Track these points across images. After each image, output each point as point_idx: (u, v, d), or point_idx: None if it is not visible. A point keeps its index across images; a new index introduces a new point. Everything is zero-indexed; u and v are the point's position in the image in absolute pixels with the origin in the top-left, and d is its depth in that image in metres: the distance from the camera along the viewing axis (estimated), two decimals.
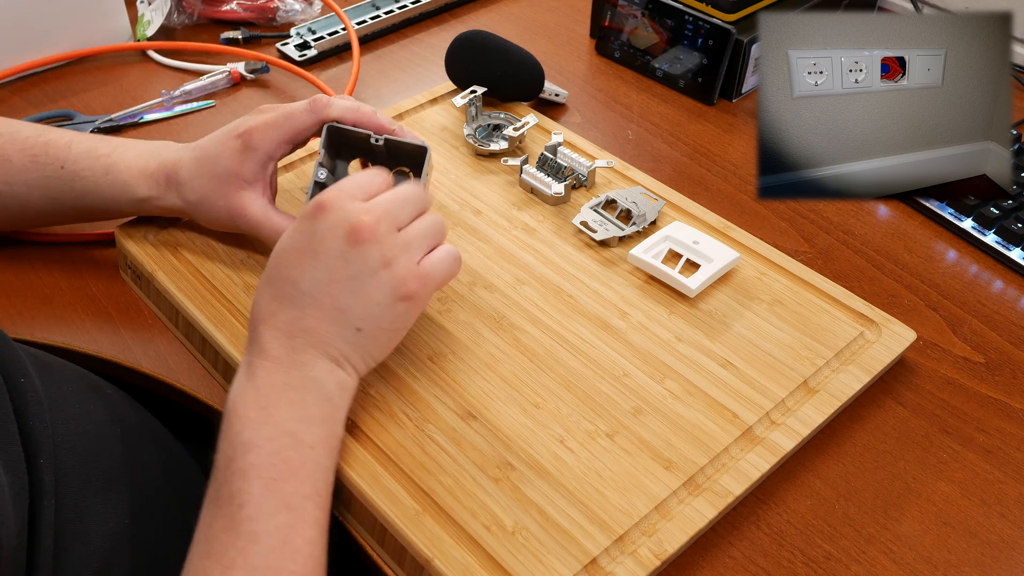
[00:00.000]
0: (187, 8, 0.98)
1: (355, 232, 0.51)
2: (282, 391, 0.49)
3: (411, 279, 0.52)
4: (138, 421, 0.59)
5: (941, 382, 0.62)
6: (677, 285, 0.63)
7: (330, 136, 0.62)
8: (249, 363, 0.51)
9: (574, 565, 0.48)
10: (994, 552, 0.53)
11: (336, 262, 0.51)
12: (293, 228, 0.53)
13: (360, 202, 0.53)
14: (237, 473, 0.47)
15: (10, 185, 0.64)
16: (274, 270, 0.52)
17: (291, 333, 0.51)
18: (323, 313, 0.51)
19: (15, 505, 0.45)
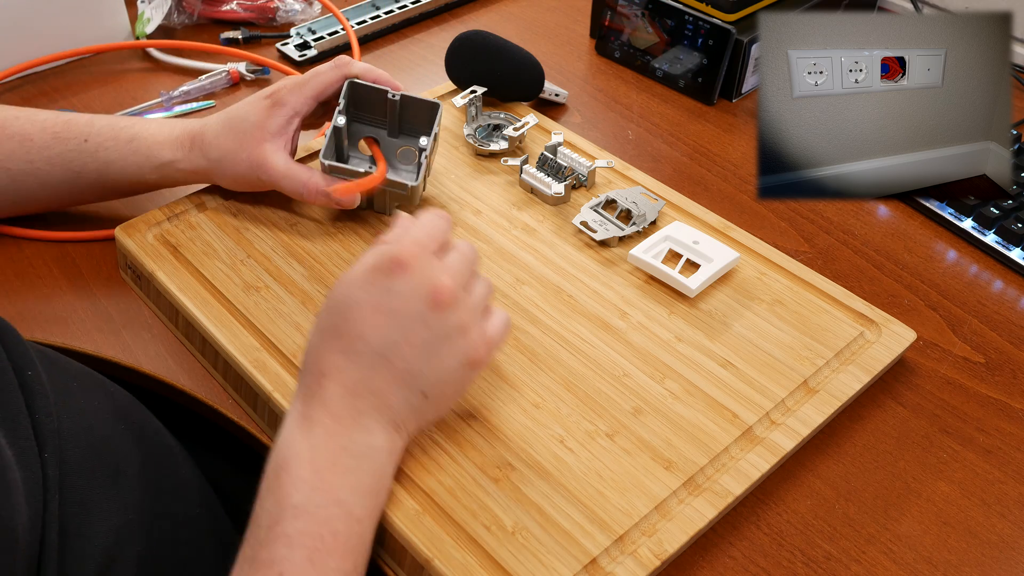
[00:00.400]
0: (187, 8, 0.98)
1: (437, 295, 0.49)
2: (339, 455, 0.47)
3: (481, 346, 0.52)
4: (141, 419, 0.59)
5: (941, 382, 0.62)
6: (677, 285, 0.63)
7: (351, 89, 0.68)
8: (307, 416, 0.48)
9: (574, 565, 0.48)
10: (994, 552, 0.53)
11: (415, 324, 0.49)
12: (366, 279, 0.50)
13: (437, 261, 0.51)
14: (282, 538, 0.44)
15: (32, 163, 0.65)
16: (344, 323, 0.49)
17: (357, 393, 0.49)
18: (394, 376, 0.49)
19: (28, 500, 0.46)
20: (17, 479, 0.45)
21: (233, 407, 0.60)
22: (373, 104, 0.69)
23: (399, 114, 0.69)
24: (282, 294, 0.63)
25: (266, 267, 0.65)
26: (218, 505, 0.62)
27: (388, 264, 0.49)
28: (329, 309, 0.51)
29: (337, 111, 0.67)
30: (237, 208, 0.70)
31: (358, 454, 0.48)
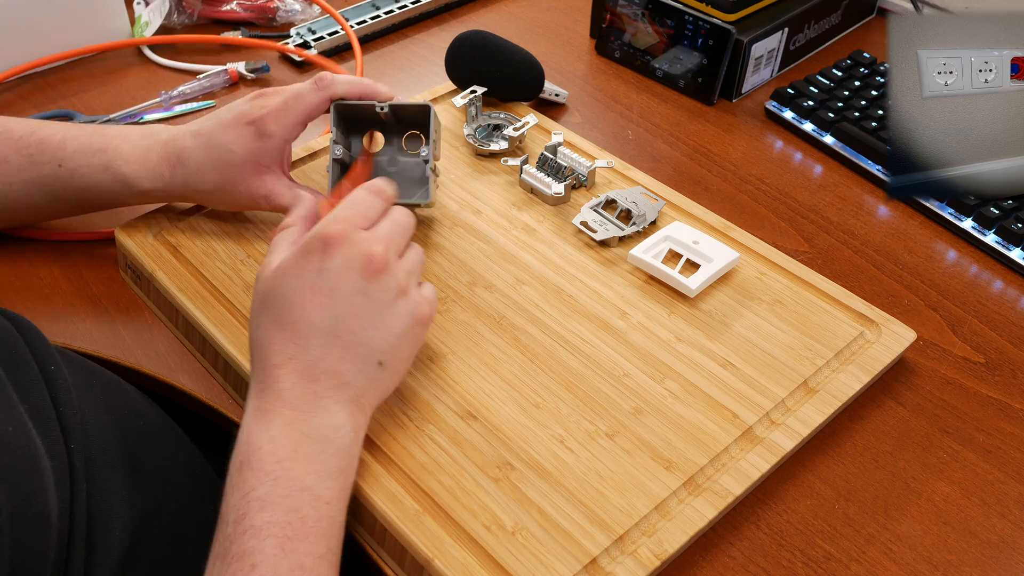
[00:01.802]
0: (187, 8, 0.98)
1: (370, 264, 0.50)
2: (300, 443, 0.47)
3: (423, 303, 0.53)
4: (155, 417, 0.59)
5: (941, 382, 0.62)
6: (677, 285, 0.63)
7: (339, 112, 0.65)
8: (263, 409, 0.48)
9: (574, 565, 0.48)
10: (994, 552, 0.53)
11: (355, 297, 0.50)
12: (297, 264, 0.50)
13: (365, 232, 0.52)
14: (250, 531, 0.44)
15: (11, 185, 0.64)
16: (285, 312, 0.50)
17: (312, 376, 0.49)
18: (346, 351, 0.49)
19: (58, 489, 0.46)
20: (48, 467, 0.46)
21: (233, 407, 0.60)
22: (364, 119, 0.67)
23: (394, 123, 0.67)
24: None
25: None
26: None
27: (318, 245, 0.50)
28: (265, 301, 0.51)
29: (331, 141, 0.65)
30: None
31: (320, 438, 0.48)
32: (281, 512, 0.45)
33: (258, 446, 0.47)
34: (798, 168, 0.81)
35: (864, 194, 0.78)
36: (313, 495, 0.46)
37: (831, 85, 0.86)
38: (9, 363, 0.50)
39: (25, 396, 0.49)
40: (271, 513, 0.45)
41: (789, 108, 0.85)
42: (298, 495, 0.46)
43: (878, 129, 0.80)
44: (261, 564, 0.43)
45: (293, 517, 0.45)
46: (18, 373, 0.50)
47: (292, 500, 0.45)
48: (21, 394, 0.49)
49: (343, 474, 0.48)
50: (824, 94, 0.85)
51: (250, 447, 0.47)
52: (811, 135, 0.83)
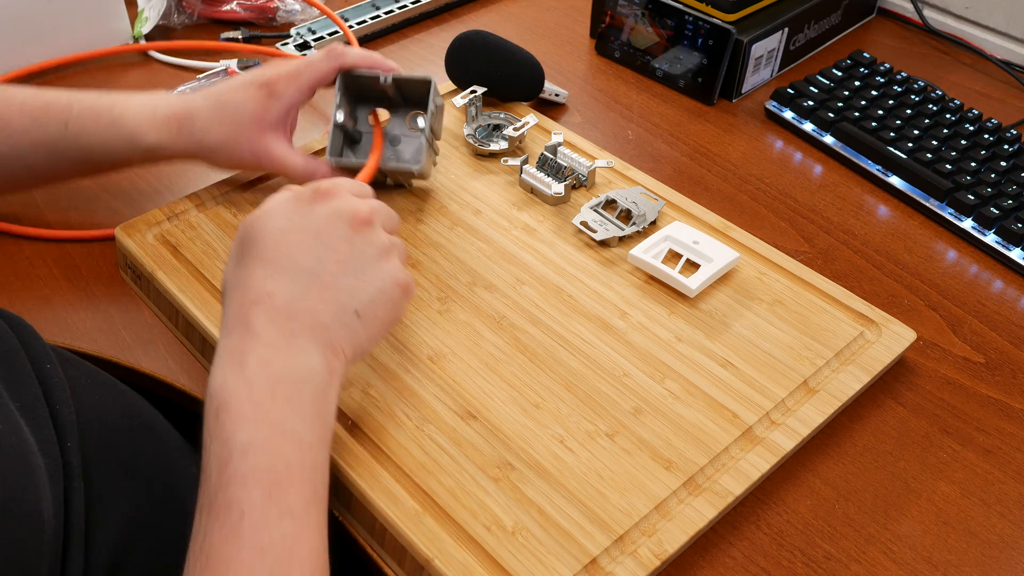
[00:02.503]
0: (187, 8, 0.98)
1: (357, 217, 0.52)
2: (277, 384, 0.46)
3: (404, 271, 0.54)
4: (151, 417, 0.59)
5: (941, 382, 0.62)
6: (677, 285, 0.63)
7: (344, 81, 0.68)
8: (237, 349, 0.47)
9: (574, 565, 0.48)
10: (994, 552, 0.53)
11: (339, 243, 0.51)
12: (284, 207, 0.51)
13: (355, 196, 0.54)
14: (235, 479, 0.43)
15: (14, 147, 0.64)
16: (267, 249, 0.50)
17: (290, 314, 0.48)
18: (324, 292, 0.49)
19: (52, 487, 0.46)
20: (40, 464, 0.46)
21: None
22: (372, 89, 0.70)
23: (400, 93, 0.70)
24: None
25: None
26: None
27: (309, 193, 0.52)
28: (247, 239, 0.50)
29: (335, 106, 0.68)
30: (237, 208, 0.70)
31: (298, 379, 0.47)
32: (265, 457, 0.44)
33: (235, 389, 0.45)
34: (798, 168, 0.81)
35: (864, 194, 0.78)
36: (295, 439, 0.45)
37: (831, 85, 0.86)
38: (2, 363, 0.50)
39: (16, 394, 0.49)
40: (255, 458, 0.43)
41: (789, 108, 0.85)
42: (280, 439, 0.45)
43: (878, 129, 0.80)
44: (249, 512, 0.42)
45: (278, 462, 0.44)
46: (9, 370, 0.50)
47: (274, 444, 0.44)
48: (12, 391, 0.49)
49: (321, 417, 0.47)
50: (824, 94, 0.85)
51: (226, 391, 0.45)
52: (811, 135, 0.83)
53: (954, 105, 0.83)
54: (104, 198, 0.76)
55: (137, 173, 0.79)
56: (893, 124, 0.81)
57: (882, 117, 0.82)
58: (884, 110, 0.83)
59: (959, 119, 0.82)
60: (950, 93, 0.88)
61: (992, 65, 0.95)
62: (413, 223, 0.69)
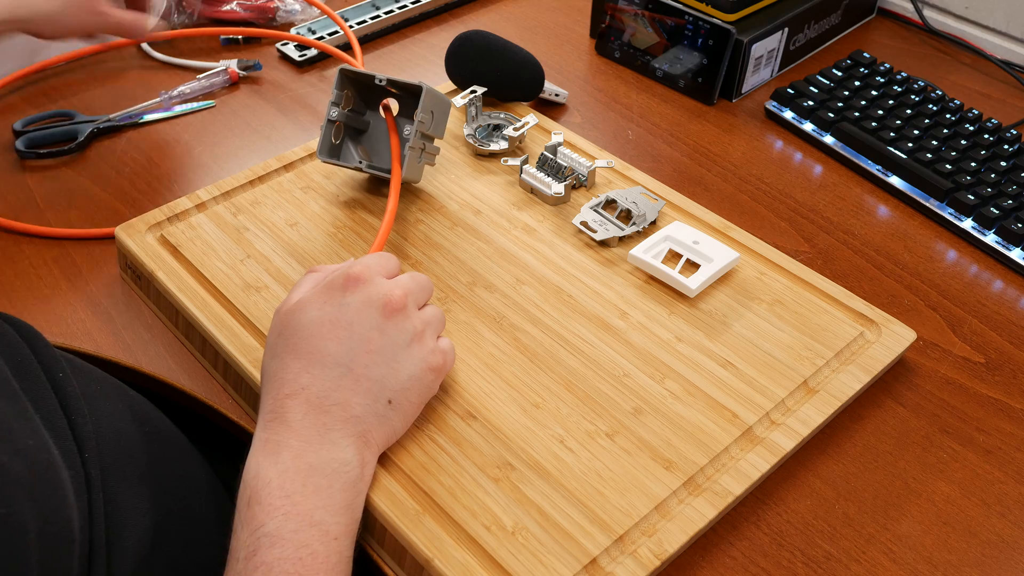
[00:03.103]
0: (187, 8, 0.98)
1: (389, 304, 0.52)
2: (308, 476, 0.47)
3: (437, 352, 0.54)
4: (158, 421, 0.59)
5: (941, 382, 0.62)
6: (677, 285, 0.63)
7: (342, 76, 0.68)
8: (271, 441, 0.48)
9: (574, 565, 0.48)
10: (994, 552, 0.53)
11: (371, 333, 0.51)
12: (319, 298, 0.52)
13: (386, 278, 0.54)
14: (261, 568, 0.44)
15: None
16: (302, 341, 0.50)
17: (322, 407, 0.49)
18: (357, 385, 0.50)
19: (78, 501, 0.46)
20: (67, 478, 0.46)
21: (233, 407, 0.60)
22: (364, 88, 0.70)
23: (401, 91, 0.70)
24: (282, 294, 0.63)
25: (266, 267, 0.65)
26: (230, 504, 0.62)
27: (341, 281, 0.52)
28: (283, 331, 0.51)
29: (330, 103, 0.68)
30: (237, 208, 0.70)
31: (328, 472, 0.48)
32: (292, 548, 0.45)
33: (267, 480, 0.47)
34: (798, 168, 0.81)
35: (864, 194, 0.78)
36: (322, 530, 0.46)
37: (831, 85, 0.86)
38: (17, 373, 0.50)
39: (37, 406, 0.49)
40: (282, 549, 0.44)
41: (789, 108, 0.85)
42: (308, 530, 0.45)
43: (878, 129, 0.80)
44: None
45: (304, 553, 0.45)
46: (28, 382, 0.50)
47: (302, 536, 0.45)
48: (34, 404, 0.49)
49: (350, 509, 0.48)
50: (824, 94, 0.85)
51: (259, 481, 0.47)
52: (811, 135, 0.83)
53: (954, 105, 0.83)
54: (104, 198, 0.76)
55: (137, 173, 0.79)
56: (893, 124, 0.81)
57: (882, 117, 0.82)
58: (884, 110, 0.83)
59: (959, 119, 0.82)
60: (950, 93, 0.88)
61: (992, 65, 0.95)
62: (413, 223, 0.69)
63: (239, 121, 0.85)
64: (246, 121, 0.85)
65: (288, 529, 0.45)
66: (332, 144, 0.69)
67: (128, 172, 0.79)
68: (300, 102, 0.88)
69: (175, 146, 0.82)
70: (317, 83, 0.91)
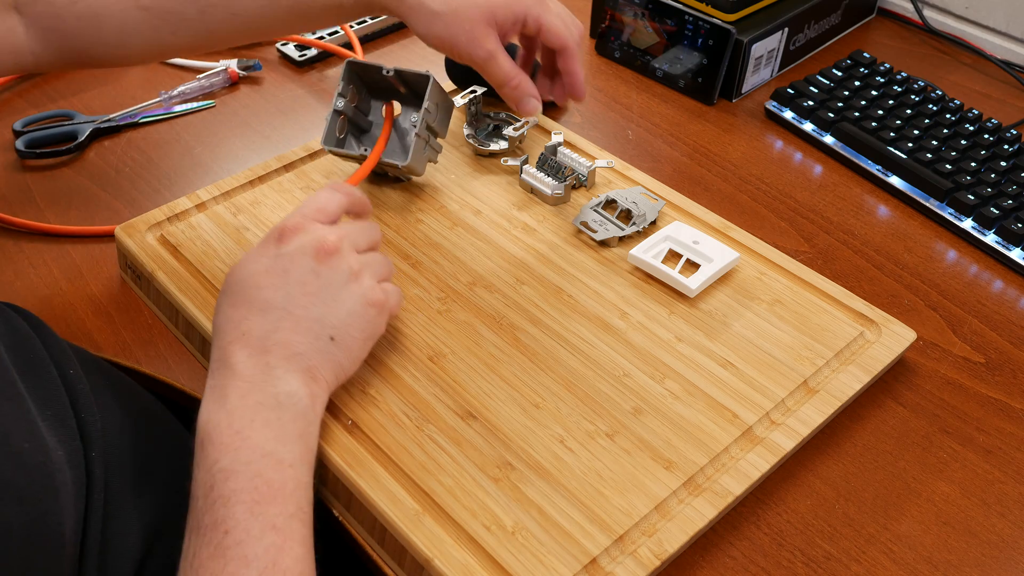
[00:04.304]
0: None
1: (322, 249, 0.53)
2: (256, 411, 0.48)
3: (377, 289, 0.55)
4: (163, 418, 0.60)
5: (941, 382, 0.62)
6: (677, 285, 0.63)
7: (349, 69, 0.69)
8: (218, 386, 0.50)
9: (574, 565, 0.48)
10: (994, 552, 0.53)
11: (307, 276, 0.52)
12: (256, 252, 0.54)
13: (323, 226, 0.55)
14: (219, 501, 0.45)
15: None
16: (240, 292, 0.52)
17: (264, 348, 0.50)
18: (297, 324, 0.51)
19: (75, 503, 0.47)
20: (67, 480, 0.47)
21: None
22: (381, 81, 0.70)
23: (408, 87, 0.71)
24: None
25: None
26: None
27: (275, 234, 0.54)
28: (227, 289, 0.53)
29: (337, 94, 0.69)
30: (237, 208, 0.70)
31: (276, 405, 0.49)
32: (245, 479, 0.46)
33: (216, 421, 0.48)
34: (798, 168, 0.81)
35: (864, 194, 0.78)
36: (275, 459, 0.47)
37: (831, 85, 0.86)
38: (28, 369, 0.50)
39: (47, 403, 0.49)
40: (236, 481, 0.46)
41: (789, 108, 0.85)
42: (260, 461, 0.47)
43: (878, 129, 0.80)
44: (233, 529, 0.45)
45: (258, 482, 0.46)
46: (38, 379, 0.50)
47: (254, 466, 0.46)
48: (41, 401, 0.49)
49: (303, 438, 0.49)
50: (824, 94, 0.85)
51: (209, 423, 0.48)
52: (811, 135, 0.83)
53: (954, 105, 0.83)
54: (104, 198, 0.76)
55: (137, 173, 0.79)
56: (893, 124, 0.81)
57: (882, 117, 0.82)
58: (884, 110, 0.83)
59: (959, 119, 0.82)
60: (950, 93, 0.88)
61: (992, 65, 0.95)
62: (413, 223, 0.69)
63: (239, 121, 0.85)
64: (246, 121, 0.85)
65: (240, 462, 0.46)
66: (336, 137, 0.70)
67: (128, 172, 0.79)
68: (300, 102, 0.88)
69: (175, 146, 0.82)
70: (317, 83, 0.91)
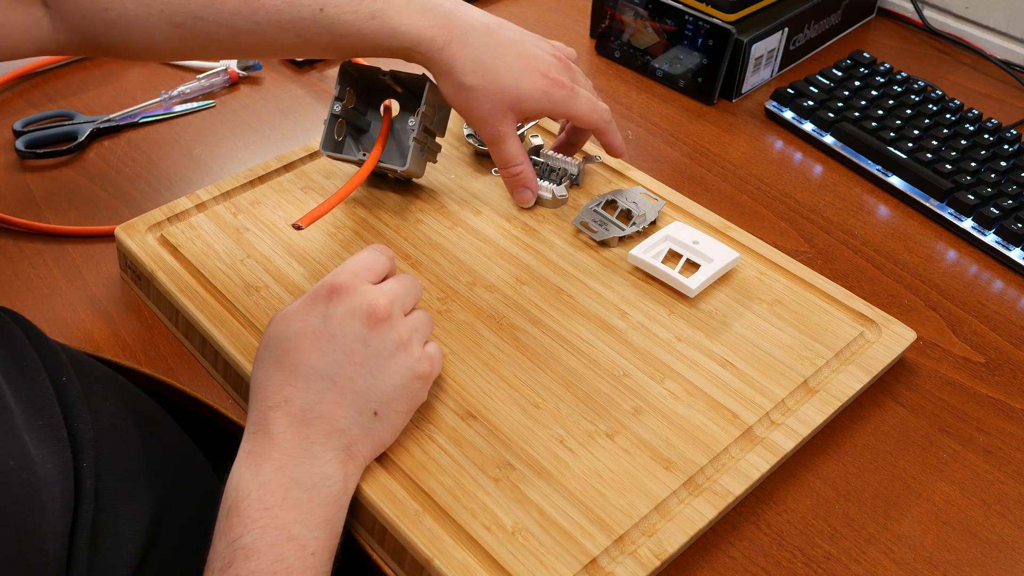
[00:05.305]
0: None
1: (373, 314, 0.51)
2: (288, 489, 0.47)
3: (424, 359, 0.53)
4: (160, 420, 0.59)
5: (941, 382, 0.62)
6: (677, 285, 0.63)
7: (345, 72, 0.69)
8: (254, 453, 0.48)
9: (574, 565, 0.48)
10: (994, 552, 0.53)
11: (355, 344, 0.50)
12: (303, 309, 0.51)
13: (372, 286, 0.53)
14: None
15: (258, 24, 0.61)
16: (285, 354, 0.50)
17: (306, 420, 0.48)
18: (342, 397, 0.49)
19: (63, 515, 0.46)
20: (55, 495, 0.46)
21: (233, 407, 0.60)
22: (378, 82, 0.70)
23: (406, 88, 0.71)
24: (282, 294, 0.63)
25: (266, 267, 0.65)
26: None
27: (324, 292, 0.51)
28: (269, 344, 0.51)
29: (334, 97, 0.68)
30: (237, 208, 0.70)
31: (309, 486, 0.47)
32: (267, 562, 0.44)
33: (247, 491, 0.46)
34: (798, 168, 0.81)
35: (864, 194, 0.78)
36: (299, 545, 0.45)
37: (831, 85, 0.86)
38: (20, 379, 0.49)
39: (37, 413, 0.48)
40: (256, 563, 0.44)
41: (789, 108, 0.85)
42: (284, 544, 0.45)
43: (878, 129, 0.80)
44: None
45: (279, 567, 0.44)
46: (30, 388, 0.49)
47: (278, 550, 0.45)
48: (32, 411, 0.48)
49: (330, 524, 0.48)
50: (824, 94, 0.85)
51: (239, 492, 0.46)
52: (811, 135, 0.83)
53: (954, 105, 0.83)
54: (104, 198, 0.76)
55: (137, 173, 0.79)
56: (893, 124, 0.81)
57: (882, 117, 0.82)
58: (884, 110, 0.83)
59: (959, 119, 0.82)
60: (950, 93, 0.88)
61: (992, 65, 0.95)
62: (413, 223, 0.69)
63: (239, 121, 0.85)
64: (246, 121, 0.85)
65: (265, 542, 0.45)
66: (335, 140, 0.70)
67: (128, 172, 0.79)
68: (300, 102, 0.88)
69: (175, 146, 0.82)
70: (317, 83, 0.91)
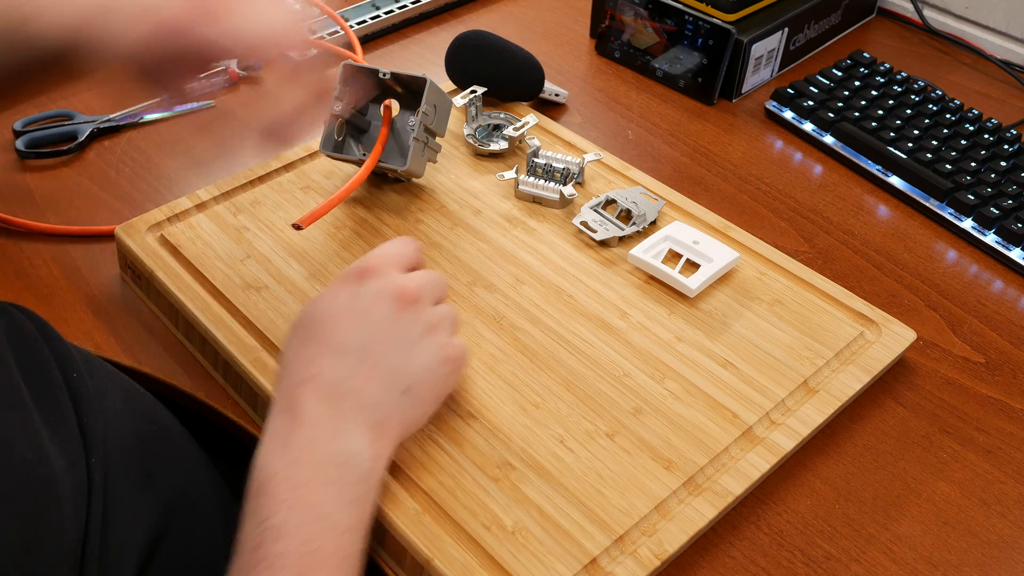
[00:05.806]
0: None
1: (404, 295, 0.52)
2: (318, 468, 0.46)
3: (452, 344, 0.53)
4: (165, 419, 0.59)
5: (941, 382, 0.62)
6: (677, 285, 0.63)
7: (345, 72, 0.69)
8: (281, 432, 0.47)
9: (574, 565, 0.48)
10: (994, 552, 0.53)
11: (385, 323, 0.51)
12: (334, 289, 0.52)
13: (402, 273, 0.53)
14: (263, 562, 0.43)
15: None
16: (317, 331, 0.50)
17: (336, 395, 0.48)
18: (373, 372, 0.49)
19: (76, 510, 0.46)
20: (67, 489, 0.46)
21: (233, 407, 0.60)
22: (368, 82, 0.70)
23: (406, 89, 0.70)
24: (282, 294, 0.63)
25: (266, 267, 0.65)
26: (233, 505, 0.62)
27: (355, 272, 0.52)
28: (301, 324, 0.52)
29: (334, 97, 0.68)
30: (237, 208, 0.70)
31: (340, 463, 0.47)
32: (296, 543, 0.43)
33: (275, 471, 0.46)
34: (798, 168, 0.81)
35: (864, 194, 0.78)
36: (330, 524, 0.45)
37: (831, 85, 0.86)
38: (33, 373, 0.49)
39: (50, 409, 0.48)
40: (286, 543, 0.43)
41: (789, 108, 0.85)
42: (314, 524, 0.44)
43: (878, 129, 0.80)
44: None
45: (309, 548, 0.43)
46: (43, 384, 0.49)
47: (308, 529, 0.44)
48: (45, 408, 0.48)
49: (361, 502, 0.47)
50: (824, 94, 0.85)
51: (267, 471, 0.46)
52: (811, 135, 0.83)
53: (954, 105, 0.83)
54: (104, 198, 0.76)
55: (137, 173, 0.79)
56: (893, 124, 0.81)
57: (882, 117, 0.82)
58: (884, 110, 0.83)
59: (959, 119, 0.82)
60: (950, 93, 0.88)
61: (992, 65, 0.95)
62: (413, 223, 0.69)
63: (239, 121, 0.85)
64: (246, 121, 0.85)
65: (294, 523, 0.44)
66: (335, 140, 0.70)
67: (128, 172, 0.79)
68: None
69: (175, 146, 0.82)
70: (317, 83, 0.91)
